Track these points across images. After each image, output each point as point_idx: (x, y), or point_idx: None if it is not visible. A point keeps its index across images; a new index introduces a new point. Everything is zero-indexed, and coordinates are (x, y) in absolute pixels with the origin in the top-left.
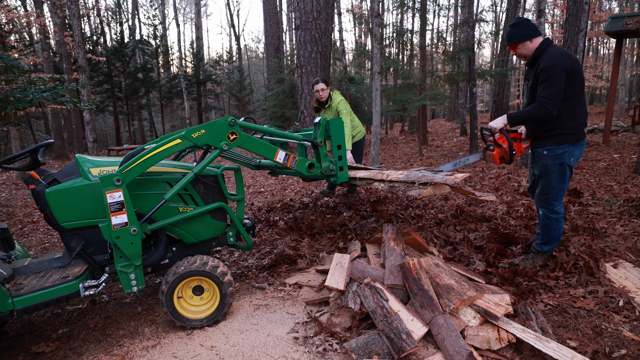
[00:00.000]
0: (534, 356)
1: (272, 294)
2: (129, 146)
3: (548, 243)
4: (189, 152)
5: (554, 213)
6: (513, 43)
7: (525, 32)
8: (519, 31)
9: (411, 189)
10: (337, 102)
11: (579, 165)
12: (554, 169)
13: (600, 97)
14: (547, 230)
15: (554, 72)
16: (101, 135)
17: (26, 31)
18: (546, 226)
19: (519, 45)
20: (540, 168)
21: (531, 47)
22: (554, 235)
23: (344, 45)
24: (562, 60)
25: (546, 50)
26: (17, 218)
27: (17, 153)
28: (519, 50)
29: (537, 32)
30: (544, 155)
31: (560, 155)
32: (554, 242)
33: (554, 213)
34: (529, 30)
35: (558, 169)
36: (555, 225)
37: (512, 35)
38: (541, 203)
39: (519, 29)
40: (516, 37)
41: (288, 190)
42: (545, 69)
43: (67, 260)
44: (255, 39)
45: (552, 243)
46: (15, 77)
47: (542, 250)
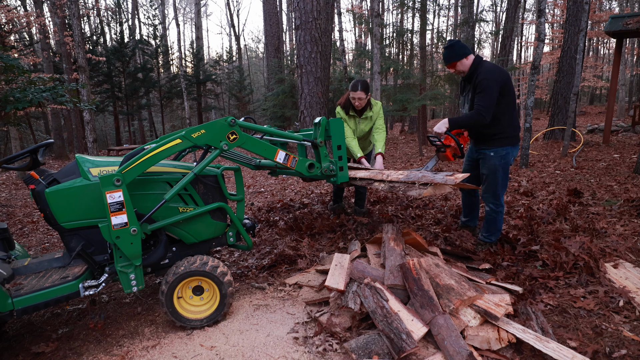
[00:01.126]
0: (534, 356)
1: (272, 294)
2: (129, 146)
3: (494, 234)
4: (189, 152)
5: (500, 207)
6: (452, 62)
7: (461, 51)
8: (455, 51)
9: (411, 190)
10: (379, 109)
11: (579, 165)
12: (500, 168)
13: (600, 97)
14: (494, 223)
15: (488, 84)
16: (101, 135)
17: (26, 31)
18: (493, 220)
19: (457, 64)
20: (488, 168)
21: (467, 63)
22: (499, 227)
23: (344, 45)
24: (495, 74)
25: (480, 66)
26: (17, 218)
27: (17, 153)
28: (457, 68)
29: (469, 51)
30: (491, 156)
31: (505, 156)
32: (497, 233)
33: (500, 207)
34: (463, 50)
35: (503, 168)
36: (500, 217)
37: (449, 56)
38: (489, 199)
39: (454, 50)
40: (454, 57)
41: (288, 190)
42: (481, 82)
43: (67, 260)
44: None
45: (496, 233)
46: (15, 77)
47: (490, 241)
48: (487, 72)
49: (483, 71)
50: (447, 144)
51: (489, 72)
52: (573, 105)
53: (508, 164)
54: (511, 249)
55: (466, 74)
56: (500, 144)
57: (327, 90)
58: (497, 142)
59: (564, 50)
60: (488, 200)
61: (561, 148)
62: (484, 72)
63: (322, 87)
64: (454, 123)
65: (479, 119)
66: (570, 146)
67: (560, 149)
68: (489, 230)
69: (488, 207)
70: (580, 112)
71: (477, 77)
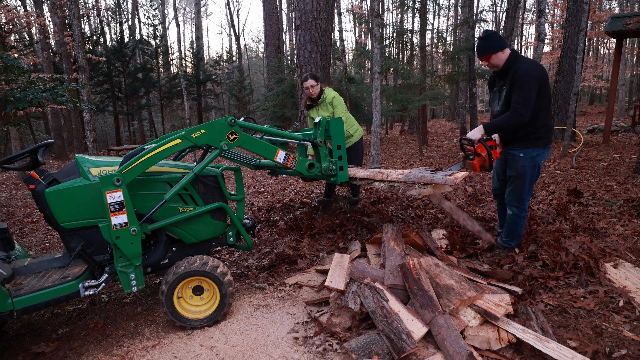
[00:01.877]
0: (534, 356)
1: (272, 294)
2: (129, 146)
3: (514, 239)
4: (189, 152)
5: (524, 212)
6: (487, 54)
7: (497, 43)
8: (491, 43)
9: (411, 189)
10: (332, 97)
11: (579, 165)
12: (529, 170)
13: (600, 97)
14: (516, 228)
15: (528, 80)
16: (101, 135)
17: (26, 31)
18: (515, 224)
19: (492, 56)
20: (516, 169)
21: (503, 57)
22: (520, 232)
23: (344, 45)
24: (535, 70)
25: (517, 61)
26: (17, 218)
27: (17, 153)
28: (492, 61)
29: (506, 44)
30: (520, 157)
31: (536, 157)
32: (518, 238)
33: (524, 212)
34: (500, 42)
35: (532, 170)
36: (523, 222)
37: (485, 47)
38: (513, 203)
39: (491, 41)
40: (489, 49)
41: (288, 190)
42: (519, 78)
43: (67, 260)
44: (255, 39)
45: (517, 239)
46: (15, 77)
47: (510, 247)
48: (526, 68)
49: (521, 66)
50: (479, 153)
51: (529, 68)
52: (573, 105)
53: (538, 167)
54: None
55: (500, 68)
56: (532, 145)
57: None
58: (529, 143)
59: (564, 50)
60: (512, 203)
61: (561, 148)
62: (523, 67)
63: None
64: (491, 128)
65: (516, 120)
66: (570, 146)
67: (560, 149)
68: (510, 235)
69: (510, 211)
70: (580, 112)
71: (514, 72)
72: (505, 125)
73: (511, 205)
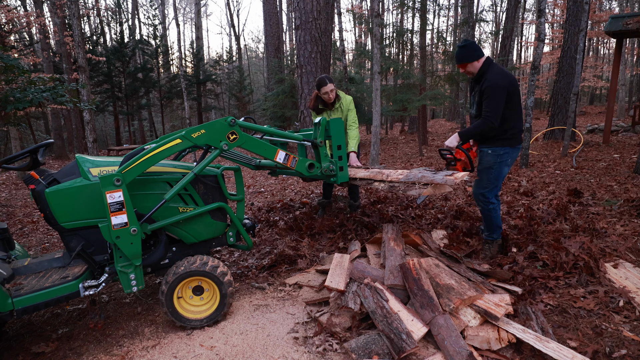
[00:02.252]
0: (534, 356)
1: (272, 294)
2: (129, 146)
3: (495, 231)
4: (189, 152)
5: (490, 204)
6: (463, 62)
7: (474, 53)
8: (469, 52)
9: (411, 189)
10: (349, 102)
11: (579, 165)
12: (495, 165)
13: (600, 97)
14: (490, 220)
15: (495, 91)
16: (101, 135)
17: (26, 31)
18: (488, 217)
19: (468, 65)
20: (482, 164)
21: (477, 65)
22: (497, 222)
23: (344, 45)
24: (502, 80)
25: (489, 70)
26: (17, 218)
27: (17, 153)
28: (467, 69)
29: (482, 53)
30: (488, 153)
31: (502, 155)
32: (498, 229)
33: (490, 204)
34: (476, 52)
35: (498, 167)
36: (495, 214)
37: (462, 56)
38: (478, 197)
39: (468, 51)
40: (466, 57)
41: (288, 190)
42: (488, 88)
43: (67, 260)
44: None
45: (497, 230)
46: (15, 77)
47: (493, 239)
48: (494, 79)
49: (490, 77)
50: (458, 158)
51: (496, 79)
52: (573, 105)
53: (504, 164)
54: (515, 249)
55: (475, 75)
56: (500, 144)
57: None
58: (498, 142)
59: (564, 50)
60: (477, 197)
61: (561, 148)
62: (491, 78)
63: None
64: (465, 135)
65: (488, 126)
66: (570, 146)
67: (560, 149)
68: (489, 228)
69: (479, 206)
70: (580, 112)
71: (484, 82)
72: (478, 132)
73: (477, 199)
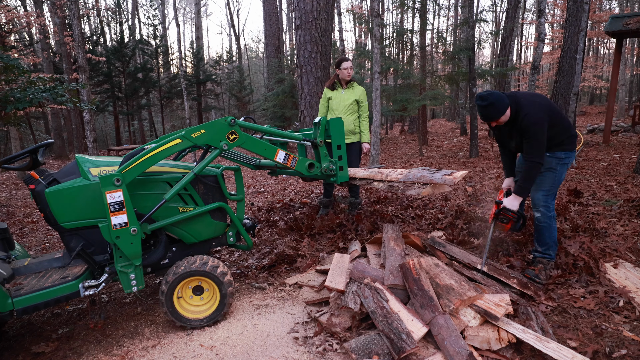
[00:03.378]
0: (534, 356)
1: (272, 294)
2: (129, 146)
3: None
4: (189, 152)
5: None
6: (494, 120)
7: (500, 108)
8: (497, 109)
9: (410, 189)
10: (362, 90)
11: (579, 165)
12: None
13: (600, 97)
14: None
15: (536, 129)
16: (101, 135)
17: (26, 31)
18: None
19: (500, 119)
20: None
21: (508, 114)
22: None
23: (344, 45)
24: (540, 113)
25: (520, 107)
26: (17, 218)
27: (17, 153)
28: (500, 121)
29: (507, 102)
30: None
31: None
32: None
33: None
34: (502, 105)
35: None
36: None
37: (493, 114)
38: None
39: (495, 108)
40: (496, 115)
41: (288, 190)
42: (527, 128)
43: (67, 260)
44: (255, 39)
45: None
46: (15, 77)
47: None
48: (531, 115)
49: (526, 113)
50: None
51: (533, 114)
52: (573, 105)
53: (565, 168)
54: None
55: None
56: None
57: None
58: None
59: (564, 50)
60: (537, 204)
61: None
62: (528, 115)
63: (322, 87)
64: (523, 193)
65: (535, 169)
66: None
67: None
68: (544, 243)
69: (537, 214)
70: (580, 112)
71: (521, 121)
72: (530, 180)
73: (536, 207)
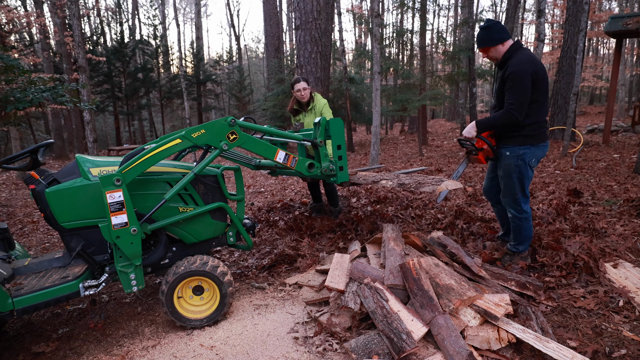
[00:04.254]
0: (534, 356)
1: (272, 294)
2: (129, 146)
3: (522, 243)
4: (189, 152)
5: (522, 212)
6: (486, 46)
7: (497, 35)
8: (492, 35)
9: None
10: (323, 105)
11: (579, 165)
12: (515, 169)
13: (600, 97)
14: (519, 230)
15: (520, 78)
16: (101, 135)
17: (26, 31)
18: (517, 227)
19: (491, 49)
20: (503, 169)
21: (502, 50)
22: (526, 234)
23: (344, 45)
24: (528, 66)
25: (515, 54)
26: (17, 218)
27: (17, 153)
28: (490, 54)
29: (508, 35)
30: (506, 155)
31: (523, 156)
32: (527, 241)
33: (522, 212)
34: (500, 34)
35: (520, 170)
36: (526, 224)
37: (484, 39)
38: (509, 204)
39: (491, 33)
40: (488, 41)
41: (288, 190)
42: (512, 75)
43: (67, 260)
44: (255, 39)
45: (525, 242)
46: (15, 77)
47: (517, 251)
48: (519, 64)
49: (515, 62)
50: (480, 147)
51: (521, 64)
52: (573, 105)
53: (527, 166)
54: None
55: (499, 61)
56: (518, 143)
57: (327, 90)
58: (514, 140)
59: (563, 50)
60: (508, 205)
61: (561, 148)
62: (516, 63)
63: (322, 87)
64: (483, 125)
65: (509, 120)
66: (570, 146)
67: (560, 149)
68: (516, 238)
69: (510, 214)
70: (580, 112)
71: (507, 68)
72: (497, 123)
73: (508, 207)
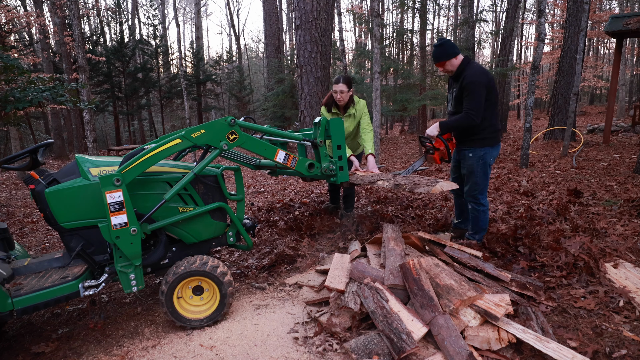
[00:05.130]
0: (534, 356)
1: (272, 294)
2: (129, 146)
3: (478, 232)
4: (188, 152)
5: (481, 206)
6: (441, 61)
7: (450, 51)
8: (445, 50)
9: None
10: (363, 107)
11: (579, 165)
12: (478, 168)
13: (600, 97)
14: (477, 221)
15: (476, 87)
16: (101, 135)
17: (26, 31)
18: (475, 218)
19: (445, 63)
20: (467, 168)
21: (455, 63)
22: (482, 226)
23: (344, 45)
24: (483, 77)
25: (468, 67)
26: (17, 218)
27: (17, 153)
28: (446, 67)
29: (458, 51)
30: (469, 157)
31: (483, 156)
32: (482, 232)
33: (481, 206)
34: (453, 50)
35: (481, 168)
36: (483, 216)
37: (439, 54)
38: (470, 199)
39: (444, 49)
40: (443, 56)
41: (288, 190)
42: (469, 85)
43: (67, 260)
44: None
45: (481, 232)
46: (15, 77)
47: (475, 240)
48: (474, 75)
49: (470, 74)
50: (437, 147)
51: (476, 75)
52: (573, 105)
53: (487, 164)
54: (512, 248)
55: (454, 73)
56: (479, 145)
57: (327, 90)
58: (475, 143)
59: (564, 50)
60: (469, 199)
61: (561, 148)
62: (471, 74)
63: (322, 87)
64: (445, 127)
65: (469, 122)
66: (571, 146)
67: (560, 149)
68: (473, 228)
69: (470, 206)
70: (580, 112)
71: (464, 79)
72: (458, 125)
73: (469, 200)
